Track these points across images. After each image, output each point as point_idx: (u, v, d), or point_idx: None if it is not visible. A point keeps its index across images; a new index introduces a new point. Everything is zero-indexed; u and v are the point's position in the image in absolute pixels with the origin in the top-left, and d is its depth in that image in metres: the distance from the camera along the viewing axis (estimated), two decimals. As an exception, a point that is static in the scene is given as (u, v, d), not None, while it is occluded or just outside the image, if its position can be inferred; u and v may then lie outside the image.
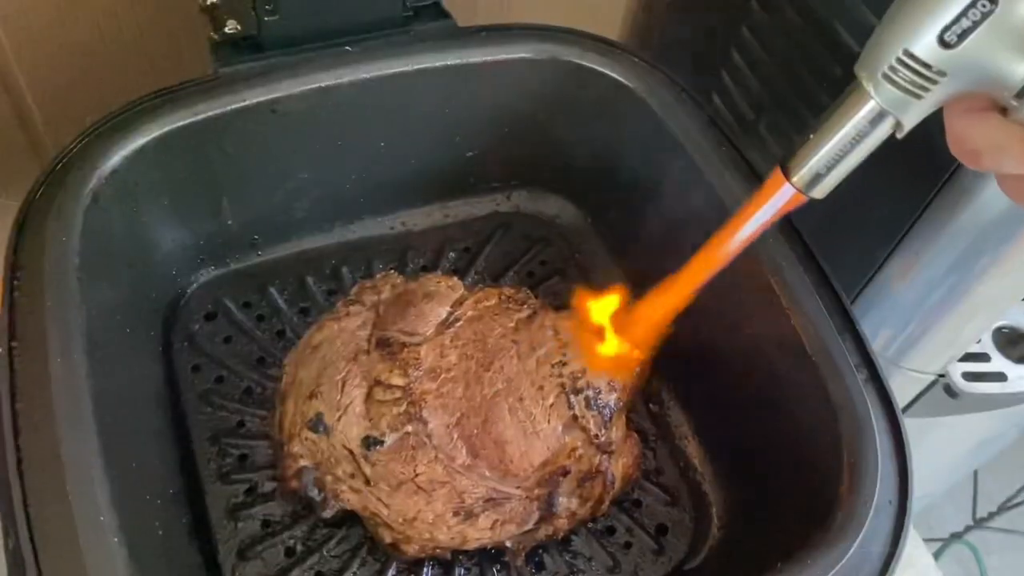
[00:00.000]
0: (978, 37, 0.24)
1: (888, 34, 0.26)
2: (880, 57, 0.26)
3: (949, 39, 0.24)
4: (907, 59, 0.25)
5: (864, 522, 0.42)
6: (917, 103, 0.26)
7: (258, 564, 0.48)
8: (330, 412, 0.48)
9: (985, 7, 0.24)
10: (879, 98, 0.26)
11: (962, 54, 0.24)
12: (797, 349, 0.48)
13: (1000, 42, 0.24)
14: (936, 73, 0.25)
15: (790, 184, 0.30)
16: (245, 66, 0.54)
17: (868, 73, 0.26)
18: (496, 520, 0.47)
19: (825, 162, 0.29)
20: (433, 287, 0.53)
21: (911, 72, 0.25)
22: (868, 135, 0.28)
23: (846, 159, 0.29)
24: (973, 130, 0.27)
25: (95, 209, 0.48)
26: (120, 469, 0.42)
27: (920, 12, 0.25)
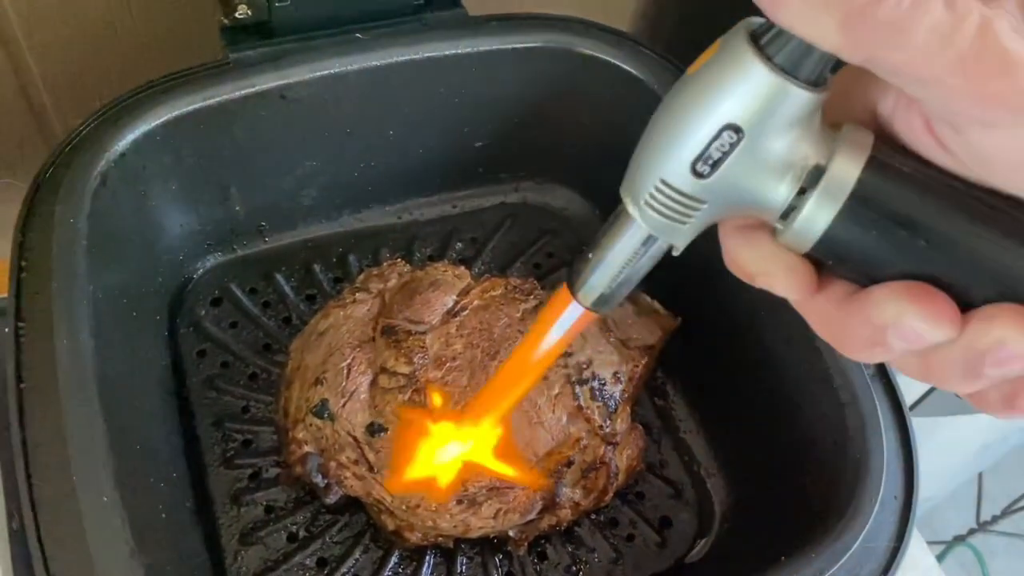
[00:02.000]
0: (730, 166, 0.24)
1: (644, 162, 0.25)
2: (639, 185, 0.25)
3: (701, 170, 0.24)
4: (664, 187, 0.24)
5: (869, 517, 0.42)
6: (683, 228, 0.25)
7: (260, 549, 0.48)
8: (335, 398, 0.48)
9: (732, 138, 0.23)
10: (645, 223, 0.26)
11: (717, 183, 0.24)
12: (805, 344, 0.48)
13: (754, 169, 0.24)
14: (695, 201, 0.24)
15: (577, 303, 0.30)
16: (255, 51, 0.53)
17: (632, 199, 0.26)
18: (499, 509, 0.47)
19: (606, 282, 0.29)
20: (440, 276, 0.53)
21: (670, 200, 0.25)
22: (643, 255, 0.28)
23: (626, 277, 0.29)
24: (742, 252, 0.26)
25: (103, 192, 0.48)
26: (124, 451, 0.42)
27: (670, 143, 0.24)
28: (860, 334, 0.24)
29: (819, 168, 0.24)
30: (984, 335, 0.23)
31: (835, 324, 0.25)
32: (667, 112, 0.24)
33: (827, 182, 0.23)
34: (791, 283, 0.26)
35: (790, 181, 0.24)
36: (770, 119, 0.23)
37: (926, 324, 0.23)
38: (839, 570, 0.41)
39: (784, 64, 0.22)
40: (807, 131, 0.24)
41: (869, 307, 0.24)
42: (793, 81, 0.23)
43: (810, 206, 0.24)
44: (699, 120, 0.23)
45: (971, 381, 0.24)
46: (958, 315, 0.23)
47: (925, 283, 0.23)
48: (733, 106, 0.23)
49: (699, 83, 0.24)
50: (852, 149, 0.23)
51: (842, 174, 0.23)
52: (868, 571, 0.42)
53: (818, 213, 0.24)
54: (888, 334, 0.23)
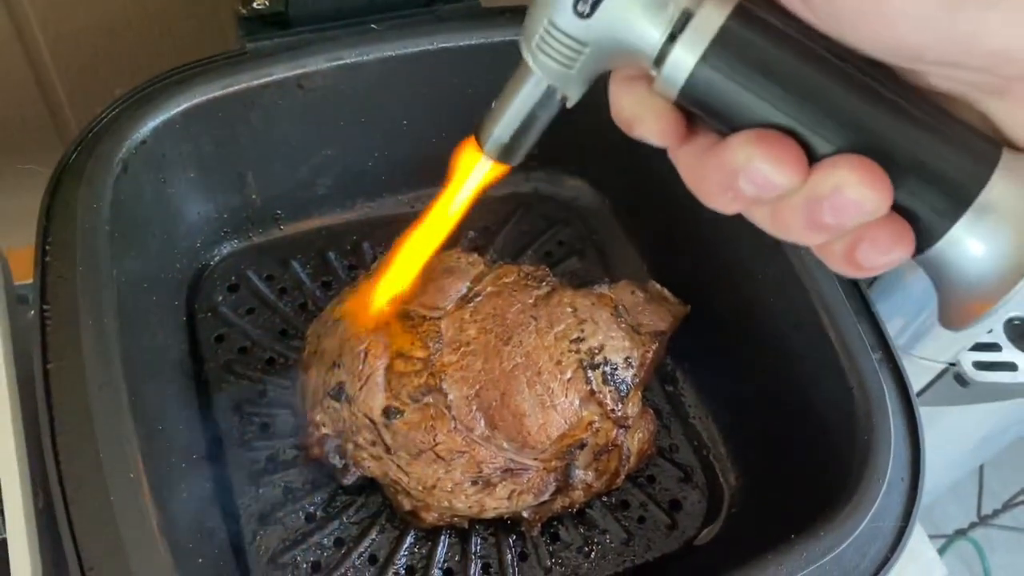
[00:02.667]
0: (607, 7, 0.25)
1: (535, 5, 0.26)
2: (532, 29, 0.26)
3: (582, 9, 0.25)
4: (552, 29, 0.26)
5: (876, 497, 0.43)
6: (572, 74, 0.26)
7: (279, 529, 0.49)
8: (352, 381, 0.49)
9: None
10: (537, 68, 0.27)
11: (596, 24, 0.25)
12: (814, 329, 0.49)
13: (630, 12, 0.25)
14: (578, 43, 0.25)
15: (484, 156, 0.31)
16: (272, 42, 0.54)
17: (526, 46, 0.27)
18: (513, 490, 0.48)
19: (508, 132, 0.30)
20: (453, 263, 0.54)
21: (557, 43, 0.26)
22: (540, 105, 0.28)
23: (526, 128, 0.30)
24: (621, 98, 0.27)
25: (125, 178, 0.49)
26: (148, 431, 0.43)
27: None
28: (715, 179, 0.26)
29: (688, 13, 0.25)
30: (823, 182, 0.24)
31: (696, 171, 0.27)
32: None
33: (693, 27, 0.24)
34: (660, 129, 0.27)
35: (662, 25, 0.25)
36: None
37: (772, 168, 0.24)
38: (847, 548, 0.42)
39: None
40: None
41: (724, 153, 0.25)
42: None
43: (676, 50, 0.25)
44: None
45: (813, 230, 0.25)
46: (804, 163, 0.24)
47: (777, 131, 0.24)
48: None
49: None
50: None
51: (707, 20, 0.24)
52: (875, 550, 0.43)
53: (683, 58, 0.25)
54: (739, 178, 0.25)
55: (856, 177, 0.24)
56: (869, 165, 0.24)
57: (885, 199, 0.24)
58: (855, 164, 0.24)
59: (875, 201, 0.24)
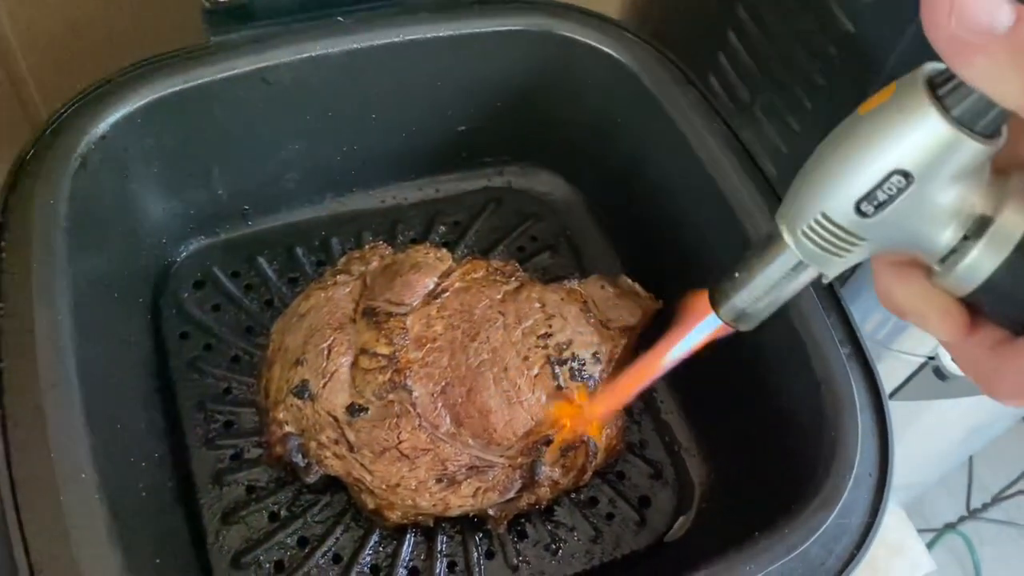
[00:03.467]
0: (895, 209, 0.24)
1: (806, 194, 0.25)
2: (799, 215, 0.26)
3: (866, 210, 0.24)
4: (825, 222, 0.25)
5: (843, 493, 0.42)
6: (839, 260, 0.26)
7: (242, 528, 0.48)
8: (315, 379, 0.49)
9: (900, 183, 0.23)
10: (799, 252, 0.26)
11: (880, 223, 0.24)
12: (782, 323, 0.48)
13: (918, 214, 0.24)
14: (854, 238, 0.25)
15: (717, 316, 0.31)
16: (237, 34, 0.54)
17: (788, 227, 0.26)
18: (478, 488, 0.47)
19: (750, 302, 0.30)
20: (421, 258, 0.54)
21: (829, 234, 0.25)
22: (791, 280, 0.28)
23: (771, 300, 0.29)
24: (896, 289, 0.27)
25: (83, 174, 0.49)
26: (104, 430, 0.42)
27: (836, 180, 0.24)
28: (1014, 381, 0.25)
29: (985, 218, 0.24)
30: None
31: (987, 368, 0.26)
32: (836, 148, 0.25)
33: (993, 232, 0.24)
34: (945, 325, 0.26)
35: (955, 228, 0.24)
36: (941, 168, 0.23)
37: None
38: (812, 545, 0.42)
39: (961, 116, 0.23)
40: (977, 179, 0.24)
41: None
42: (968, 134, 0.23)
43: (974, 254, 0.24)
44: (869, 162, 0.24)
45: None
46: None
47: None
48: (905, 152, 0.23)
49: (873, 124, 0.24)
50: (1021, 201, 0.24)
51: (1010, 226, 0.24)
52: (842, 547, 0.42)
53: (981, 262, 0.24)
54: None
55: None
56: None
57: None
58: None
59: None
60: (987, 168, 0.24)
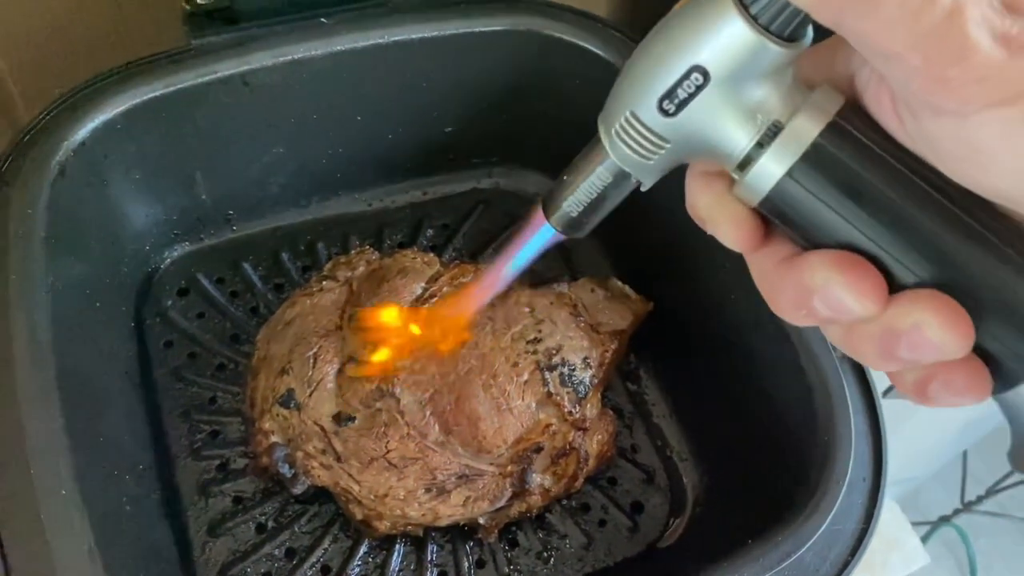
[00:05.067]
0: (694, 108, 0.24)
1: (618, 94, 0.25)
2: (612, 115, 0.26)
3: (667, 108, 0.24)
4: (633, 121, 0.25)
5: (836, 499, 0.42)
6: (648, 164, 0.26)
7: (229, 540, 0.48)
8: (301, 388, 0.48)
9: (699, 80, 0.23)
10: (614, 155, 0.26)
11: (681, 123, 0.24)
12: (775, 327, 0.48)
13: (717, 115, 0.24)
14: (659, 139, 0.25)
15: (549, 224, 0.30)
16: (218, 38, 0.53)
17: (604, 128, 0.26)
18: (468, 497, 0.47)
19: (576, 207, 0.29)
20: (408, 263, 0.53)
21: (638, 135, 0.25)
22: (613, 186, 0.28)
23: (596, 206, 0.29)
24: (698, 196, 0.27)
25: (62, 181, 0.48)
26: (86, 443, 0.42)
27: (642, 78, 0.24)
28: (789, 295, 0.25)
29: (779, 124, 0.24)
30: (903, 316, 0.23)
31: (770, 281, 0.26)
32: (644, 48, 0.25)
33: (783, 139, 0.24)
34: (736, 234, 0.26)
35: (750, 132, 0.24)
36: (738, 68, 0.23)
37: (850, 296, 0.23)
38: (806, 552, 0.41)
39: (759, 15, 0.23)
40: (776, 85, 0.24)
41: (802, 270, 0.24)
42: (765, 34, 0.23)
43: (763, 160, 0.24)
44: (670, 59, 0.24)
45: (886, 360, 0.24)
46: (884, 293, 0.23)
47: (859, 256, 0.24)
48: (703, 50, 0.23)
49: (676, 23, 0.24)
50: (815, 111, 0.24)
51: (799, 133, 0.24)
52: (836, 553, 0.42)
53: (770, 168, 0.24)
54: (814, 299, 0.24)
55: (938, 318, 0.22)
56: (953, 307, 0.23)
57: (965, 343, 0.23)
58: (938, 303, 0.23)
59: (955, 344, 0.23)
60: (788, 73, 0.24)
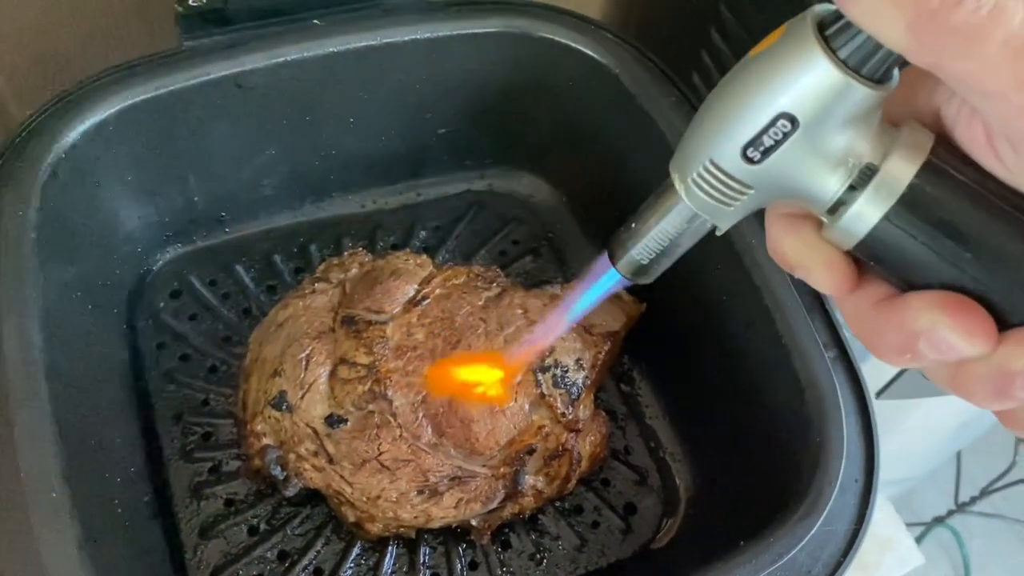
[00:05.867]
0: (782, 155, 0.23)
1: (695, 142, 0.25)
2: (688, 163, 0.25)
3: (752, 155, 0.23)
4: (713, 169, 0.24)
5: (828, 500, 0.42)
6: (728, 211, 0.25)
7: (220, 543, 0.48)
8: (293, 390, 0.48)
9: (786, 127, 0.23)
10: (690, 202, 0.26)
11: (767, 170, 0.24)
12: (767, 328, 0.48)
13: (806, 161, 0.23)
14: (742, 186, 0.24)
15: (615, 270, 0.30)
16: (211, 39, 0.53)
17: (679, 176, 0.26)
18: (461, 498, 0.47)
19: (646, 254, 0.29)
20: (401, 265, 0.53)
21: (718, 182, 0.25)
22: (685, 232, 0.27)
23: (667, 252, 0.28)
24: (784, 240, 0.26)
25: (54, 183, 0.48)
26: (76, 446, 0.42)
27: (723, 126, 0.24)
28: (892, 339, 0.24)
29: (872, 167, 0.23)
30: (1017, 358, 0.22)
31: (868, 324, 0.25)
32: (724, 93, 0.24)
33: (878, 182, 0.23)
34: (828, 279, 0.26)
35: (841, 176, 0.24)
36: (828, 113, 0.23)
37: (959, 337, 0.23)
38: (799, 553, 0.41)
39: (848, 59, 0.22)
40: (865, 127, 0.23)
41: (904, 313, 0.24)
42: (855, 77, 0.22)
43: (858, 204, 0.23)
44: (755, 105, 0.23)
45: (1000, 400, 0.23)
46: (994, 332, 0.23)
47: (964, 296, 0.23)
48: (791, 96, 0.23)
49: (760, 68, 0.23)
50: (908, 151, 0.23)
51: (894, 176, 0.23)
52: (828, 554, 0.42)
53: (865, 212, 0.23)
54: (920, 342, 0.23)
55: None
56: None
57: None
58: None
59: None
60: (877, 115, 0.24)
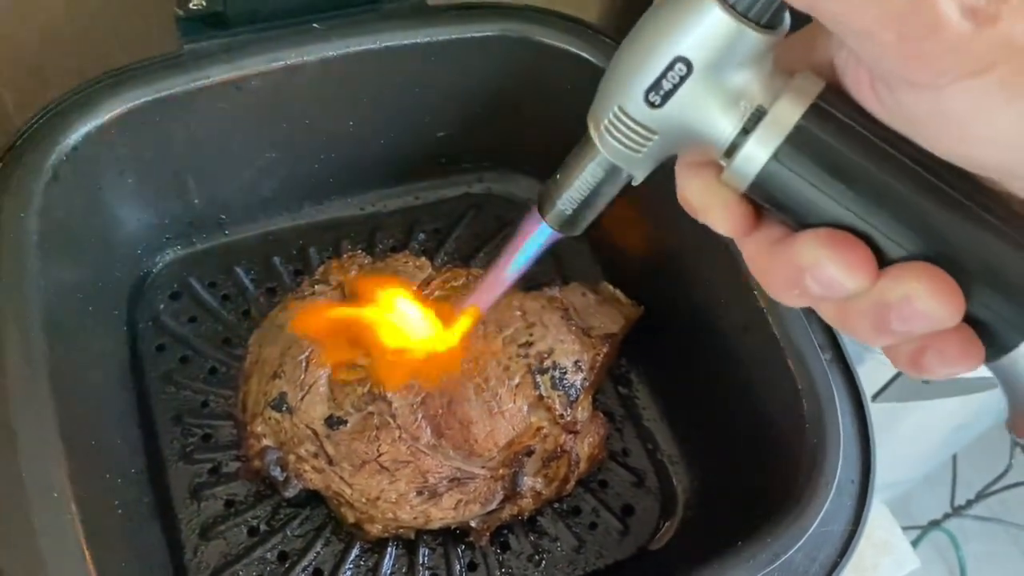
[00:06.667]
0: (680, 98, 0.24)
1: (605, 89, 0.26)
2: (600, 111, 0.26)
3: (653, 99, 0.25)
4: (621, 115, 0.25)
5: (825, 501, 0.42)
6: (639, 157, 0.26)
7: (220, 543, 0.48)
8: (293, 391, 0.48)
9: (682, 71, 0.24)
10: (604, 150, 0.27)
11: (668, 114, 0.25)
12: (763, 330, 0.48)
13: (702, 104, 0.24)
14: (647, 131, 0.25)
15: (545, 224, 0.31)
16: (210, 43, 0.53)
17: (594, 125, 0.27)
18: (460, 500, 0.47)
19: (570, 205, 0.30)
20: (400, 267, 0.53)
21: (626, 128, 0.26)
22: (604, 181, 0.28)
23: (589, 202, 0.30)
24: (688, 185, 0.27)
25: (55, 186, 0.48)
26: (78, 447, 0.42)
27: (627, 72, 0.25)
28: (782, 275, 0.25)
29: (762, 109, 0.24)
30: (893, 289, 0.23)
31: (763, 264, 0.26)
32: (627, 43, 0.25)
33: (767, 123, 0.24)
34: (727, 220, 0.27)
35: (735, 119, 0.25)
36: (720, 56, 0.24)
37: (840, 271, 0.24)
38: (796, 553, 0.41)
39: (737, 4, 0.23)
40: (757, 72, 0.25)
41: (792, 250, 0.25)
42: (745, 22, 0.23)
43: (748, 145, 0.24)
44: (653, 51, 0.24)
45: (879, 334, 0.24)
46: (874, 267, 0.24)
47: (848, 232, 0.24)
48: (685, 41, 0.24)
49: (657, 16, 0.24)
50: (797, 95, 0.24)
51: (781, 117, 0.24)
52: (825, 555, 0.42)
53: (755, 153, 0.24)
54: (806, 277, 0.24)
55: (927, 288, 0.23)
56: (941, 276, 0.23)
57: (956, 312, 0.23)
58: (927, 274, 0.23)
59: (945, 313, 0.23)
60: (769, 60, 0.25)
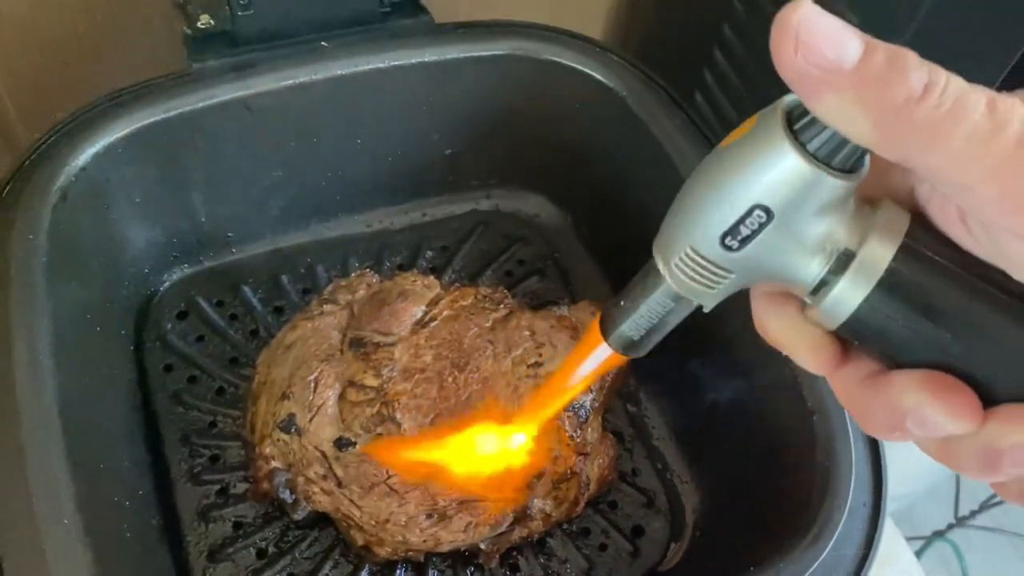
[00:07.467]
0: (759, 243, 0.24)
1: (675, 227, 0.25)
2: (670, 248, 0.26)
3: (730, 244, 0.24)
4: (693, 255, 0.25)
5: (837, 525, 0.42)
6: (711, 292, 0.26)
7: (229, 566, 0.47)
8: (302, 413, 0.48)
9: (761, 217, 0.23)
10: (673, 284, 0.26)
11: (746, 257, 0.24)
12: (773, 353, 0.48)
13: (783, 248, 0.24)
14: (723, 271, 0.25)
15: (607, 345, 0.30)
16: (219, 61, 0.53)
17: (662, 259, 0.26)
18: (469, 522, 0.47)
19: (635, 330, 0.29)
20: (408, 286, 0.53)
21: (699, 267, 0.25)
22: (671, 310, 0.28)
23: (656, 328, 0.29)
24: (770, 321, 0.27)
25: (63, 207, 0.48)
26: (87, 470, 0.41)
27: (700, 214, 0.24)
28: (880, 417, 0.24)
29: (849, 252, 0.24)
30: (1003, 436, 0.22)
31: (857, 401, 0.25)
32: (700, 182, 0.25)
33: (857, 267, 0.23)
34: (814, 359, 0.26)
35: (820, 261, 0.24)
36: (801, 203, 0.23)
37: (944, 417, 0.23)
38: (808, 578, 0.41)
39: (818, 152, 0.22)
40: (840, 213, 0.24)
41: (890, 392, 0.24)
42: (826, 169, 0.22)
43: (838, 289, 0.24)
44: (730, 197, 0.23)
45: (989, 475, 0.23)
46: (979, 410, 0.23)
47: (948, 374, 0.23)
48: (764, 188, 0.23)
49: (732, 159, 0.24)
50: (884, 234, 0.23)
51: (871, 260, 0.23)
52: (837, 578, 0.42)
53: (846, 296, 0.24)
54: (907, 421, 0.23)
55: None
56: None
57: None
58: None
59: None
60: (851, 201, 0.24)
